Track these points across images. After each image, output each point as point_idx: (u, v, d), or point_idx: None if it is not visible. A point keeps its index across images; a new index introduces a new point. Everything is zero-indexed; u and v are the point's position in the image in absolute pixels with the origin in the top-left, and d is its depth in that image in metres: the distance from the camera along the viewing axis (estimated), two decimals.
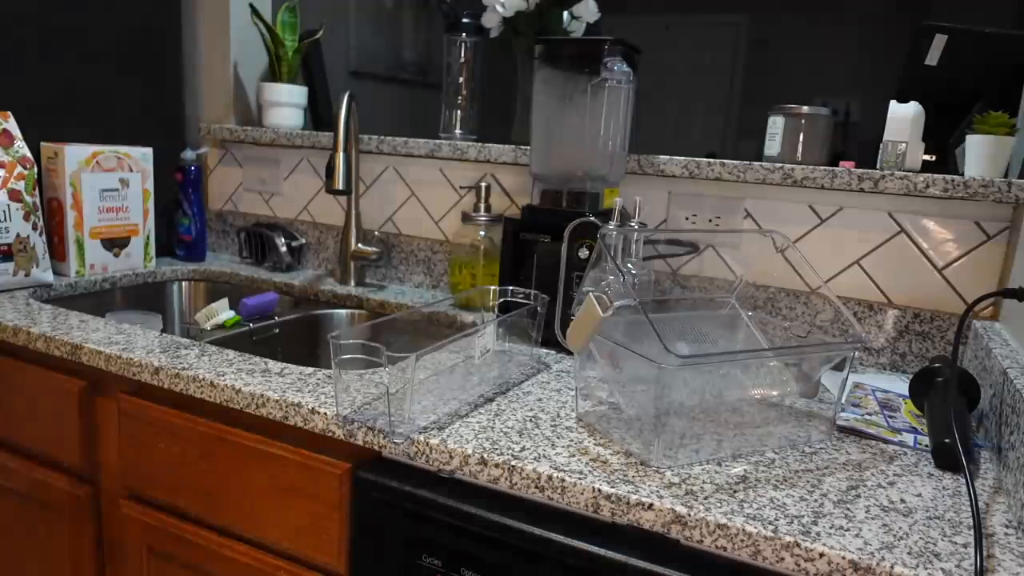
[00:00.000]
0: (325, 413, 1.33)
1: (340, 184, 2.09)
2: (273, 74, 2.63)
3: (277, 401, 1.38)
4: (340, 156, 2.11)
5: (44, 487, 1.77)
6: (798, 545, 0.99)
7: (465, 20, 2.33)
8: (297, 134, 2.52)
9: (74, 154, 2.17)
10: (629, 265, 1.71)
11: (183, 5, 2.64)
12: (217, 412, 1.52)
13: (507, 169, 2.27)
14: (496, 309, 1.75)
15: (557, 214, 1.82)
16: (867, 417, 1.45)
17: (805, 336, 1.46)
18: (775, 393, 1.41)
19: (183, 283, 2.49)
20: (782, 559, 1.00)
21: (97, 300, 2.26)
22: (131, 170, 2.32)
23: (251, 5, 2.58)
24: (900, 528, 1.03)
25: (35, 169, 2.09)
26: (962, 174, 1.78)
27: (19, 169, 2.03)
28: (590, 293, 1.21)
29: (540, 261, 1.82)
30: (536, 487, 1.16)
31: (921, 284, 1.81)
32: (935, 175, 1.73)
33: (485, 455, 1.20)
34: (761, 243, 1.96)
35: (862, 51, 7.09)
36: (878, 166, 1.86)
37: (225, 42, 2.64)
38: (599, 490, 1.12)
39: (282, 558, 1.48)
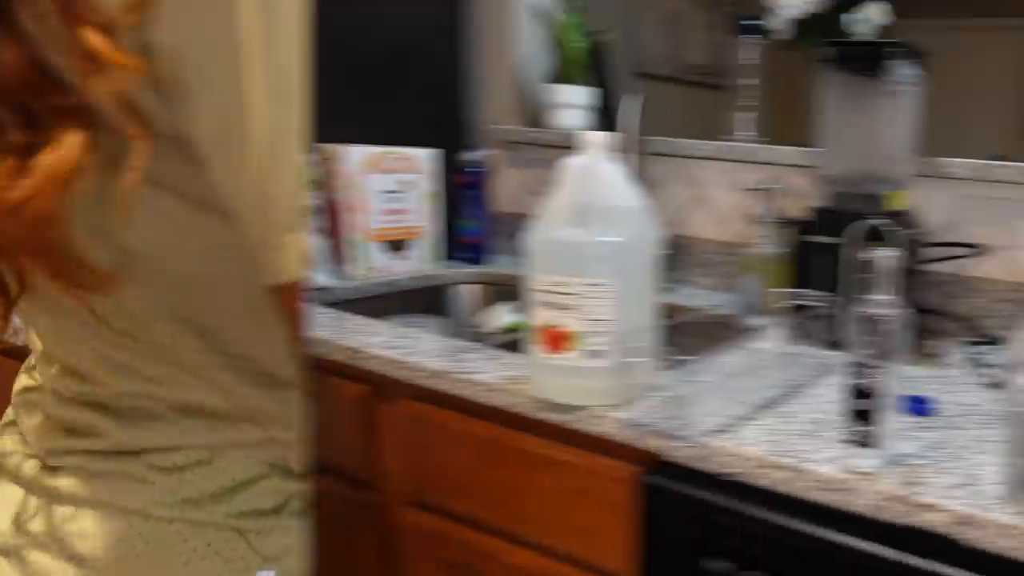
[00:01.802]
0: (614, 417, 1.35)
1: None
2: (559, 75, 2.66)
3: (561, 405, 1.40)
4: (626, 157, 2.11)
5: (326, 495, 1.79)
6: None
7: (752, 22, 2.31)
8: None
9: (355, 155, 2.21)
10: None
11: (465, 4, 2.69)
12: (501, 416, 1.51)
13: (795, 171, 2.22)
14: (784, 312, 1.73)
15: (846, 216, 1.78)
16: None
17: None
18: None
19: (467, 285, 2.53)
20: None
21: (379, 303, 2.25)
22: (413, 172, 2.34)
23: (535, 6, 2.62)
24: None
25: (314, 171, 2.13)
26: None
27: None
28: None
29: (830, 264, 1.78)
30: (823, 488, 1.14)
31: None
32: None
33: (772, 457, 1.19)
34: None
35: None
36: None
37: (508, 42, 2.68)
38: (882, 492, 1.09)
39: (567, 563, 1.48)
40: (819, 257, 1.79)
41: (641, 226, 1.48)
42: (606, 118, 2.87)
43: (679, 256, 2.46)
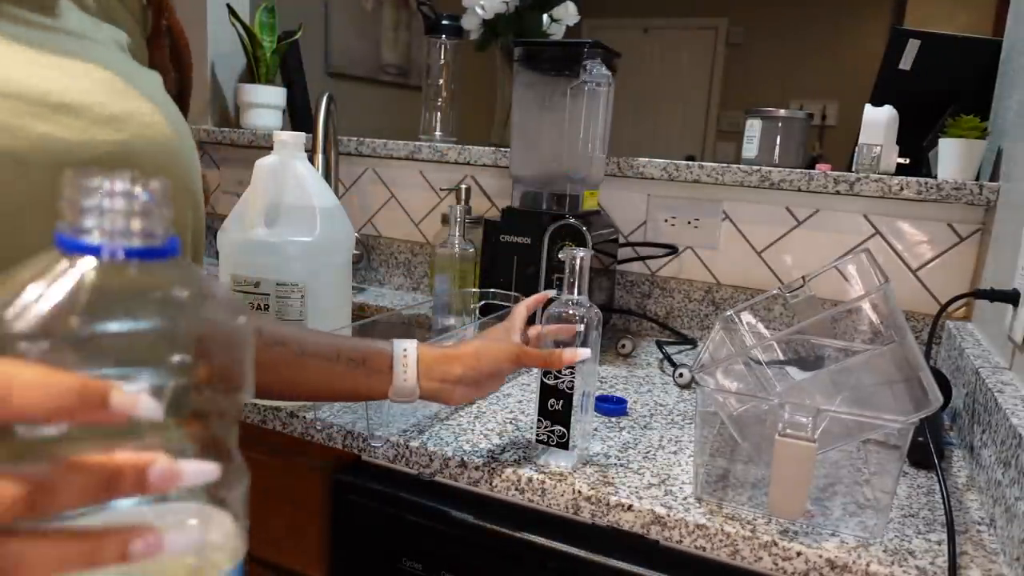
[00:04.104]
0: (304, 417, 1.34)
1: None
2: (251, 75, 2.63)
3: (255, 405, 1.38)
4: (319, 158, 2.11)
5: None
6: (775, 544, 1.00)
7: (445, 22, 2.33)
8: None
9: None
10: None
11: None
12: None
13: (487, 171, 2.27)
14: (477, 311, 1.76)
15: (537, 216, 1.82)
16: None
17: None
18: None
19: None
20: (760, 559, 1.01)
21: None
22: None
23: (228, 5, 2.57)
24: (875, 526, 1.05)
25: None
26: (935, 177, 1.80)
27: None
28: (779, 437, 0.98)
29: (520, 263, 1.82)
30: (516, 489, 1.16)
31: (896, 285, 1.82)
32: (909, 178, 1.75)
33: (465, 457, 1.20)
34: (739, 245, 1.97)
35: (838, 55, 7.13)
36: (853, 169, 1.88)
37: (202, 42, 2.62)
38: (579, 492, 1.12)
39: (261, 565, 1.47)
40: (509, 256, 1.82)
41: (333, 226, 1.47)
42: (299, 118, 2.85)
43: (372, 256, 2.47)
